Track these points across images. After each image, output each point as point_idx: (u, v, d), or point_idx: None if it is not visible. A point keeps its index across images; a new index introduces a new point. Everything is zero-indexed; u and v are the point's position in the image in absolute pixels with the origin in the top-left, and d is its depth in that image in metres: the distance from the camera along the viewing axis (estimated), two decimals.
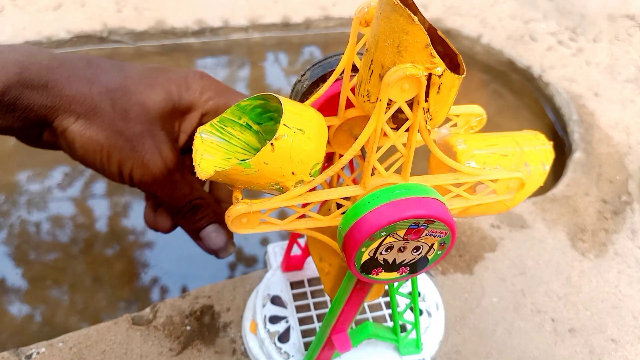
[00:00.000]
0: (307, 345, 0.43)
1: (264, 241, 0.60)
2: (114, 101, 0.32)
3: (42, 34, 0.79)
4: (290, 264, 0.47)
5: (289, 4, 0.90)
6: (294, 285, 0.47)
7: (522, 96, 0.81)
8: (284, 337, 0.43)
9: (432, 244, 0.29)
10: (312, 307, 0.45)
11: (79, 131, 0.31)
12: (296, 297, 0.46)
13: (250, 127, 0.30)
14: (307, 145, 0.26)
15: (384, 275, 0.30)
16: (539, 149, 0.33)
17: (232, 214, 0.28)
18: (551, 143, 0.34)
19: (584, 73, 0.80)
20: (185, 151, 0.37)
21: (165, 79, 0.34)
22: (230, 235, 0.37)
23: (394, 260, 0.29)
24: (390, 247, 0.28)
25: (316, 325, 0.44)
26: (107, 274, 0.57)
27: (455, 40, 0.87)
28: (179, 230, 0.39)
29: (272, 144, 0.25)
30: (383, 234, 0.27)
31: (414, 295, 0.39)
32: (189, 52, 0.83)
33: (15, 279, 0.57)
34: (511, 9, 0.92)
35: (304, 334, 0.44)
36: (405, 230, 0.27)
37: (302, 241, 0.46)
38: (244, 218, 0.28)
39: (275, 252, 0.49)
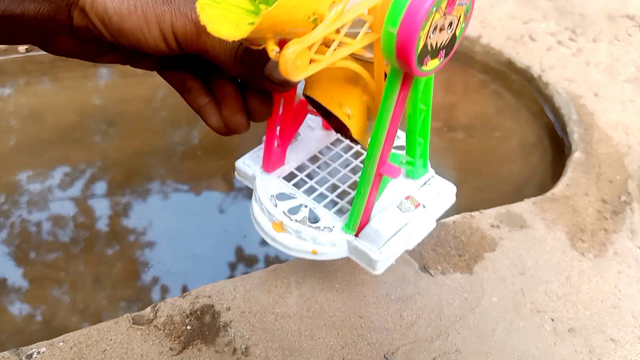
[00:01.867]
0: (338, 212, 0.42)
1: (264, 241, 0.60)
2: None
3: None
4: (274, 161, 0.45)
5: None
6: (286, 179, 0.45)
7: (521, 96, 0.81)
8: (311, 218, 0.42)
9: (460, 16, 0.31)
10: (316, 186, 0.45)
11: None
12: (297, 185, 0.45)
13: None
14: None
15: (430, 63, 0.31)
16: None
17: (289, 56, 0.26)
18: None
19: (583, 73, 0.80)
20: None
21: None
22: None
23: (436, 44, 0.30)
24: (436, 28, 0.29)
25: (332, 196, 0.44)
26: (107, 274, 0.57)
27: None
28: (178, 230, 0.39)
29: None
30: (434, 9, 0.28)
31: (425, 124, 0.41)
32: None
33: (16, 278, 0.57)
34: (511, 9, 0.92)
35: (328, 207, 0.43)
36: (446, 2, 0.28)
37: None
38: (298, 60, 0.27)
39: (248, 164, 0.46)
